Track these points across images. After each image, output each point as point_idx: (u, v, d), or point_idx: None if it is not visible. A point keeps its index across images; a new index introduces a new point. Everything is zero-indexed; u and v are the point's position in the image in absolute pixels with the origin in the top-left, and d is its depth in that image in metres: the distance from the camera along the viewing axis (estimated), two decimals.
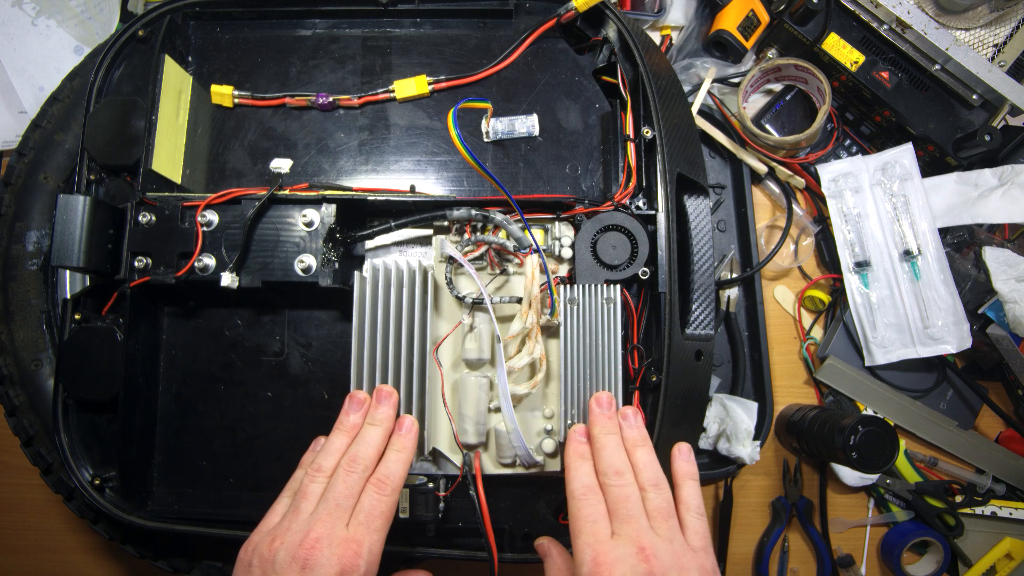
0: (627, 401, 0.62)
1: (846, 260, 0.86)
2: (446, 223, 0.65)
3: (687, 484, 0.56)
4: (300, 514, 0.52)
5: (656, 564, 0.48)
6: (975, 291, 0.84)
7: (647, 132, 0.66)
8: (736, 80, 0.89)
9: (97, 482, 0.64)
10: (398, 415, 0.59)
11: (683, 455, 0.58)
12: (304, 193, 0.63)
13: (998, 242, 0.85)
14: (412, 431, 0.58)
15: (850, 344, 0.87)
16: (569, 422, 0.60)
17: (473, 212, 0.63)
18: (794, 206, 0.89)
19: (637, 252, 0.63)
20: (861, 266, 0.86)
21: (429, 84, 0.71)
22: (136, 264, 0.63)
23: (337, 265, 0.63)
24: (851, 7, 0.84)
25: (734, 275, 0.87)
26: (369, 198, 0.64)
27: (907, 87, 0.84)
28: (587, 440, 0.58)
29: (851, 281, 0.86)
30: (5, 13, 0.88)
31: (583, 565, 0.49)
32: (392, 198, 0.64)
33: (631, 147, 0.68)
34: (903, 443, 0.87)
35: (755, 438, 0.82)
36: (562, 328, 0.61)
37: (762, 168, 0.88)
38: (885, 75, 0.84)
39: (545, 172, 0.70)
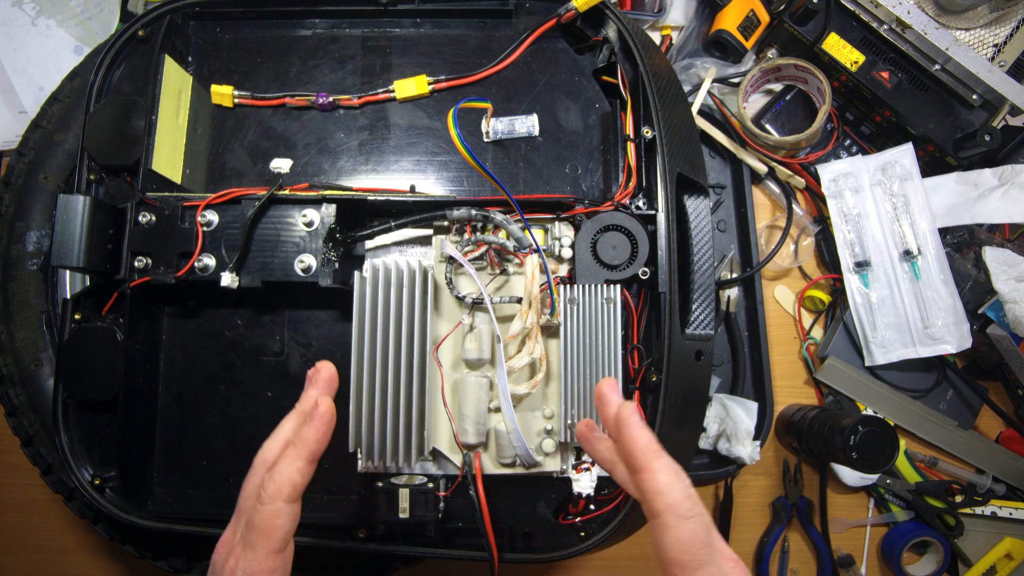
0: (628, 400, 0.62)
1: (846, 260, 0.86)
2: (446, 223, 0.65)
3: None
4: (236, 522, 0.48)
5: (744, 572, 0.43)
6: (975, 291, 0.84)
7: (647, 132, 0.66)
8: (736, 80, 0.89)
9: (97, 482, 0.64)
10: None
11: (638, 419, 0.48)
12: (304, 193, 0.63)
13: (998, 242, 0.85)
14: (321, 419, 0.47)
15: (850, 344, 0.87)
16: (569, 422, 0.60)
17: (473, 212, 0.63)
18: (794, 206, 0.89)
19: (637, 252, 0.63)
20: (861, 266, 0.86)
21: (429, 84, 0.71)
22: (136, 264, 0.63)
23: (337, 265, 0.63)
24: (851, 7, 0.84)
25: (734, 275, 0.87)
26: (369, 198, 0.64)
27: (907, 87, 0.84)
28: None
29: (851, 281, 0.86)
30: (5, 13, 0.88)
31: None
32: (392, 198, 0.64)
33: (631, 147, 0.68)
34: (903, 443, 0.87)
35: (755, 438, 0.82)
36: (562, 328, 0.61)
37: (762, 168, 0.88)
38: (885, 75, 0.84)
39: (545, 172, 0.70)
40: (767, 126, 0.89)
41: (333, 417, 0.49)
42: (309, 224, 0.63)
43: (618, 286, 0.62)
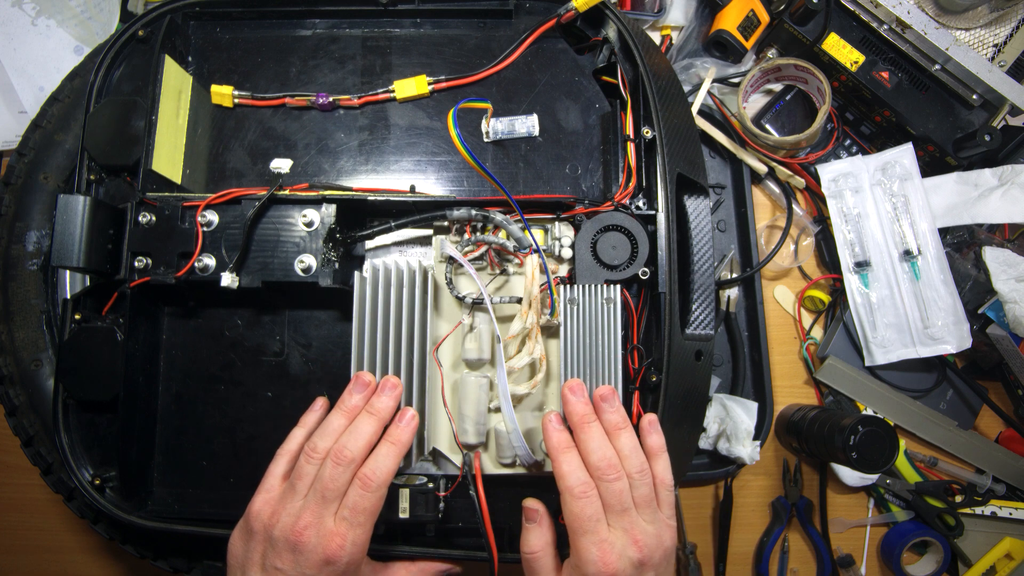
0: (627, 401, 0.62)
1: (846, 260, 0.86)
2: (446, 223, 0.65)
3: (660, 460, 0.58)
4: (295, 494, 0.54)
5: (645, 551, 0.54)
6: (975, 291, 0.84)
7: (647, 132, 0.66)
8: (736, 80, 0.89)
9: (97, 482, 0.64)
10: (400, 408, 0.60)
11: (654, 427, 0.60)
12: (304, 193, 0.63)
13: (998, 242, 0.85)
14: (410, 425, 0.58)
15: (850, 344, 0.87)
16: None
17: (473, 212, 0.63)
18: (794, 206, 0.89)
19: (637, 252, 0.63)
20: (861, 266, 0.86)
21: (429, 84, 0.71)
22: (136, 264, 0.63)
23: (337, 265, 0.63)
24: (851, 7, 0.84)
25: (734, 275, 0.87)
26: (369, 198, 0.64)
27: (907, 87, 0.84)
28: (564, 429, 0.58)
29: (851, 281, 0.86)
30: (5, 13, 0.88)
31: (590, 564, 0.53)
32: (392, 198, 0.64)
33: (631, 147, 0.68)
34: (903, 443, 0.87)
35: (755, 438, 0.82)
36: (562, 328, 0.61)
37: (762, 168, 0.88)
38: (885, 75, 0.84)
39: (545, 172, 0.70)
40: (767, 126, 0.89)
41: (418, 420, 0.59)
42: (309, 224, 0.63)
43: (618, 286, 0.62)
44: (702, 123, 0.88)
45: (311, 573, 0.52)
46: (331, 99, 0.71)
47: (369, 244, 0.68)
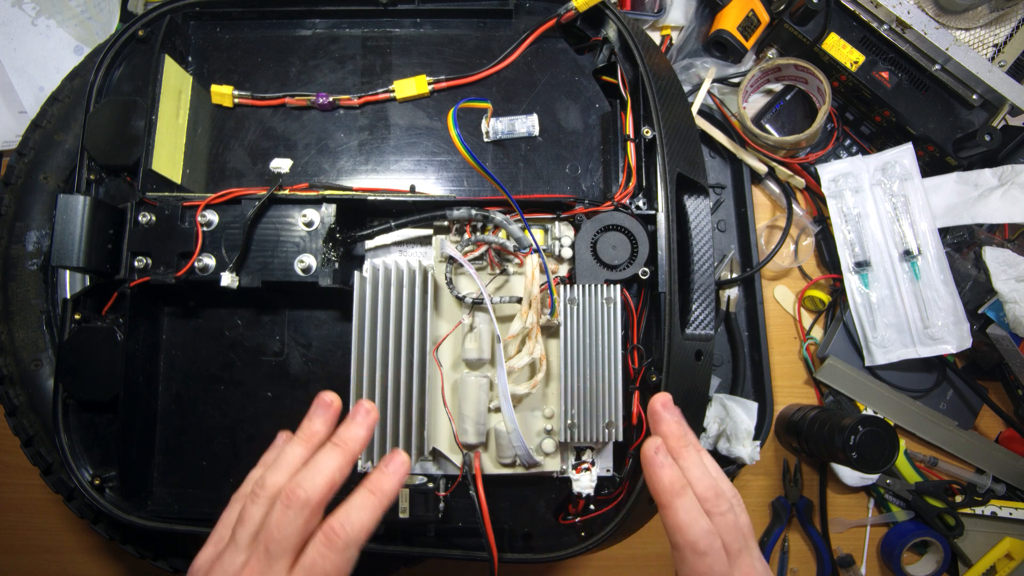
0: (626, 401, 0.62)
1: (846, 260, 0.86)
2: (446, 223, 0.65)
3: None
4: (235, 546, 0.43)
5: None
6: (975, 291, 0.84)
7: (647, 132, 0.66)
8: (736, 80, 0.89)
9: (97, 482, 0.64)
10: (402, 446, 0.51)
11: (669, 409, 0.51)
12: (304, 193, 0.63)
13: (998, 242, 0.85)
14: (397, 472, 0.45)
15: (850, 344, 0.87)
16: (570, 422, 0.60)
17: (473, 212, 0.63)
18: (794, 206, 0.89)
19: (637, 252, 0.63)
20: (861, 266, 0.86)
21: (429, 84, 0.71)
22: (136, 264, 0.63)
23: (337, 265, 0.63)
24: (851, 7, 0.84)
25: (734, 275, 0.87)
26: (369, 198, 0.64)
27: (907, 87, 0.84)
28: (672, 461, 0.48)
29: (851, 281, 0.86)
30: (5, 13, 0.88)
31: None
32: (392, 198, 0.64)
33: (631, 147, 0.68)
34: (903, 443, 0.87)
35: (755, 438, 0.82)
36: (562, 328, 0.61)
37: (762, 168, 0.88)
38: (885, 75, 0.84)
39: (545, 172, 0.70)
40: (767, 126, 0.89)
41: (409, 466, 0.47)
42: (309, 224, 0.63)
43: (618, 286, 0.62)
44: (702, 123, 0.88)
45: None
46: (331, 99, 0.70)
47: (369, 244, 0.68)
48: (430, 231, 0.67)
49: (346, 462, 0.45)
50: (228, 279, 0.61)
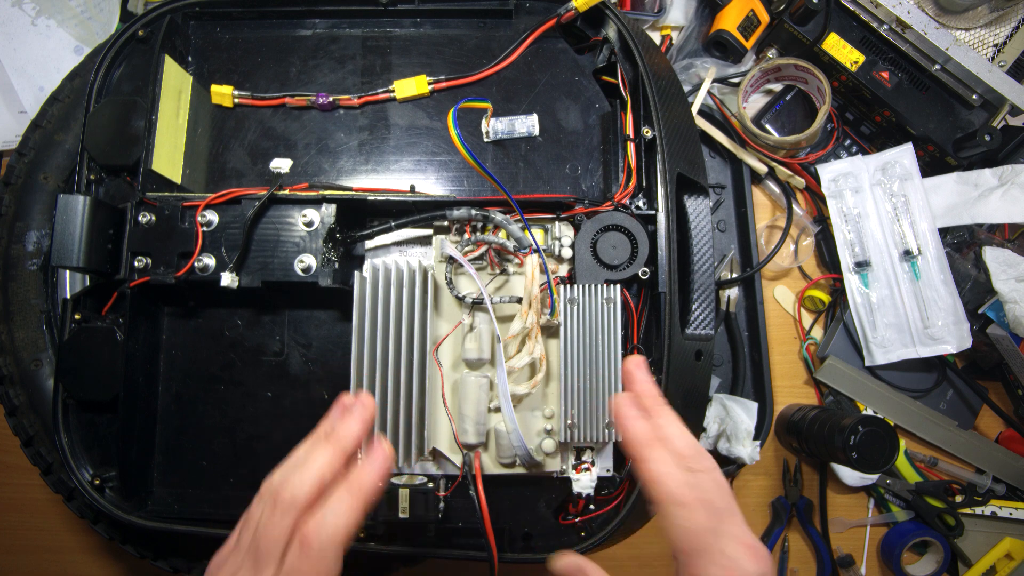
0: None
1: (846, 260, 0.86)
2: (446, 223, 0.65)
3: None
4: (237, 548, 0.42)
5: (763, 560, 0.41)
6: (975, 291, 0.84)
7: (647, 132, 0.66)
8: (736, 80, 0.89)
9: (97, 482, 0.64)
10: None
11: (641, 368, 0.49)
12: (304, 193, 0.63)
13: (998, 242, 0.85)
14: (380, 464, 0.43)
15: (850, 344, 0.87)
16: (570, 422, 0.60)
17: (473, 212, 0.63)
18: (794, 206, 0.89)
19: (637, 252, 0.63)
20: (861, 266, 0.86)
21: (429, 84, 0.71)
22: (136, 264, 0.63)
23: (337, 265, 0.63)
24: (851, 7, 0.84)
25: (734, 275, 0.87)
26: (369, 198, 0.64)
27: (907, 87, 0.84)
28: (641, 413, 0.45)
29: (851, 281, 0.86)
30: (5, 13, 0.88)
31: None
32: (392, 198, 0.64)
33: (631, 147, 0.68)
34: (903, 443, 0.87)
35: (755, 438, 0.82)
36: (562, 328, 0.61)
37: (762, 168, 0.88)
38: (885, 75, 0.84)
39: (545, 172, 0.70)
40: (767, 126, 0.89)
41: (393, 458, 0.45)
42: (309, 224, 0.63)
43: (618, 286, 0.62)
44: (702, 123, 0.88)
45: None
46: (331, 99, 0.70)
47: (369, 244, 0.68)
48: (430, 231, 0.67)
49: (336, 457, 0.43)
50: (228, 279, 0.61)
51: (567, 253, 0.65)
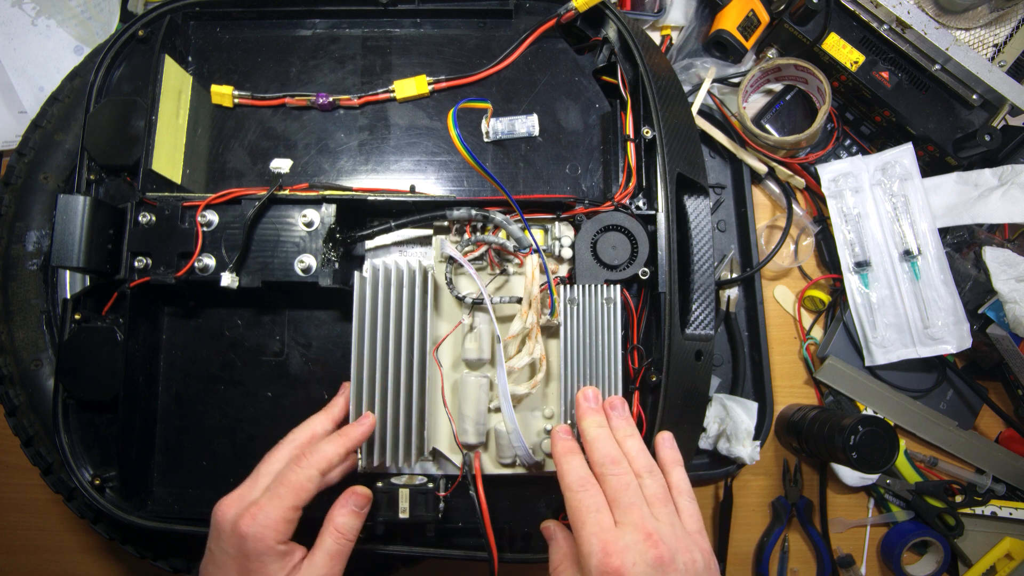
0: (627, 401, 0.62)
1: (846, 260, 0.86)
2: (446, 223, 0.65)
3: (676, 470, 0.56)
4: (253, 484, 0.55)
5: (663, 548, 0.48)
6: (975, 291, 0.84)
7: (647, 132, 0.66)
8: (736, 80, 0.89)
9: (97, 482, 0.64)
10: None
11: (666, 443, 0.58)
12: (304, 193, 0.63)
13: (998, 242, 0.85)
14: (364, 424, 0.58)
15: (850, 344, 0.87)
16: (570, 422, 0.60)
17: (473, 212, 0.63)
18: (794, 206, 0.89)
19: (637, 252, 0.63)
20: (861, 266, 0.86)
21: (429, 84, 0.71)
22: (136, 264, 0.63)
23: (337, 265, 0.63)
24: (851, 7, 0.84)
25: (734, 275, 0.87)
26: (369, 198, 0.64)
27: (907, 87, 0.84)
28: (571, 437, 0.58)
29: (851, 281, 0.86)
30: (5, 13, 0.88)
31: (592, 556, 0.48)
32: (392, 198, 0.64)
33: (631, 147, 0.68)
34: (903, 443, 0.87)
35: (755, 438, 0.82)
36: (562, 328, 0.61)
37: (762, 168, 0.88)
38: (885, 75, 0.84)
39: (545, 172, 0.70)
40: (767, 126, 0.89)
41: (373, 429, 0.60)
42: (309, 224, 0.63)
43: (618, 286, 0.62)
44: (702, 123, 0.88)
45: (231, 552, 0.51)
46: (331, 99, 0.70)
47: (369, 244, 0.68)
48: (430, 231, 0.67)
49: (328, 421, 0.59)
50: (228, 279, 0.61)
51: (567, 253, 0.65)
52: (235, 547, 0.51)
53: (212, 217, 0.63)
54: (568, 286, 0.62)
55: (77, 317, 0.65)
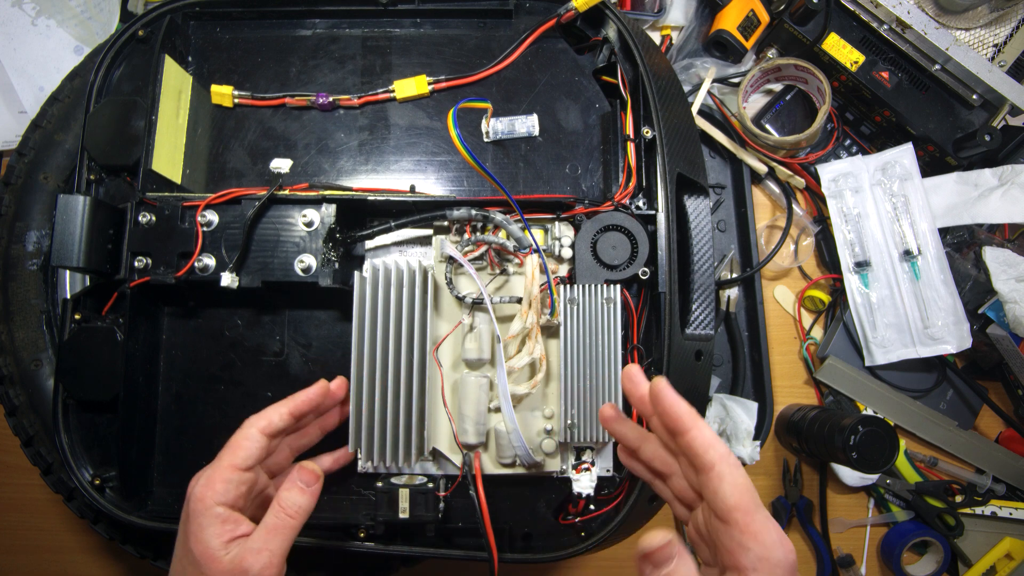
0: (626, 402, 0.62)
1: (846, 260, 0.86)
2: (446, 223, 0.65)
3: (706, 430, 0.50)
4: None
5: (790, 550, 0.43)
6: (975, 291, 0.84)
7: (647, 132, 0.66)
8: (736, 80, 0.89)
9: (97, 482, 0.64)
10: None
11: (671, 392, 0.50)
12: (304, 193, 0.63)
13: (998, 242, 0.85)
14: (312, 389, 0.59)
15: (850, 344, 0.87)
16: (570, 422, 0.60)
17: (473, 212, 0.63)
18: (794, 206, 0.89)
19: (637, 252, 0.63)
20: (861, 266, 0.86)
21: (429, 84, 0.71)
22: (136, 264, 0.63)
23: (337, 265, 0.63)
24: (851, 7, 0.84)
25: (734, 275, 0.87)
26: (369, 198, 0.64)
27: (907, 87, 0.84)
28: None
29: (851, 281, 0.86)
30: (5, 13, 0.88)
31: (776, 547, 0.41)
32: (392, 198, 0.64)
33: (631, 147, 0.68)
34: (903, 443, 0.87)
35: (755, 438, 0.82)
36: (562, 328, 0.61)
37: (762, 168, 0.88)
38: (885, 75, 0.84)
39: (545, 172, 0.70)
40: (767, 126, 0.89)
41: (327, 393, 0.60)
42: (309, 224, 0.63)
43: (618, 286, 0.62)
44: (702, 123, 0.88)
45: (183, 516, 0.53)
46: (331, 99, 0.70)
47: (369, 244, 0.68)
48: (430, 231, 0.67)
49: (286, 404, 0.58)
50: (228, 279, 0.61)
51: (567, 253, 0.65)
52: (185, 511, 0.53)
53: (212, 217, 0.63)
54: (568, 286, 0.62)
55: (77, 317, 0.65)
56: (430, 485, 0.62)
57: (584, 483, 0.63)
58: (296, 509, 0.53)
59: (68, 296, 0.65)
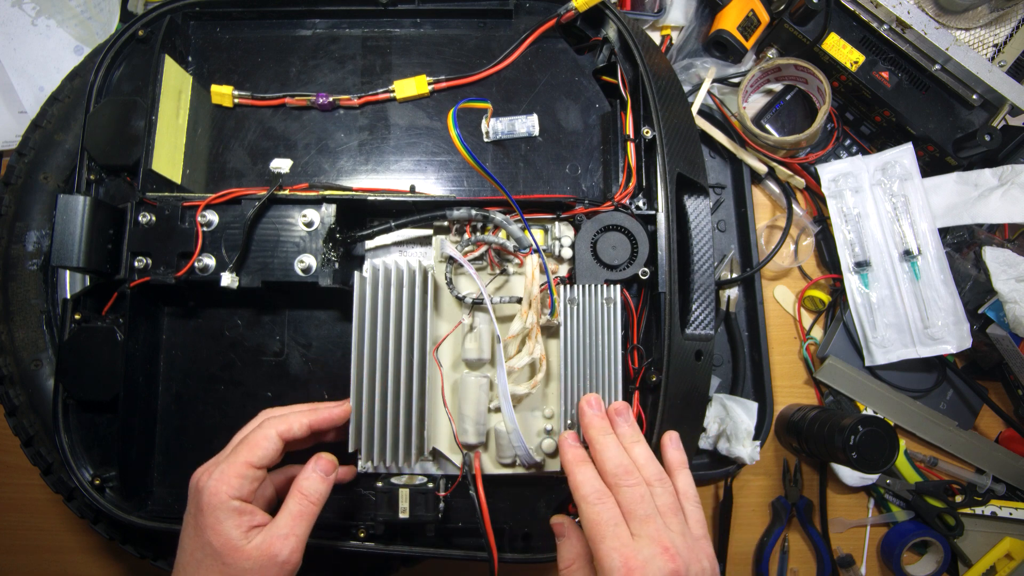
0: (626, 401, 0.62)
1: (846, 260, 0.86)
2: (446, 223, 0.65)
3: (682, 474, 0.57)
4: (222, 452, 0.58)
5: (679, 561, 0.49)
6: (975, 291, 0.84)
7: (647, 132, 0.66)
8: (736, 80, 0.89)
9: (97, 482, 0.64)
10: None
11: (673, 443, 0.59)
12: (304, 193, 0.63)
13: (998, 242, 0.85)
14: (338, 407, 0.60)
15: (850, 344, 0.87)
16: (569, 422, 0.60)
17: (473, 212, 0.63)
18: (794, 206, 0.89)
19: (637, 252, 0.63)
20: (861, 266, 0.86)
21: (429, 84, 0.71)
22: (136, 264, 0.63)
23: (337, 265, 0.63)
24: (851, 7, 0.84)
25: (734, 275, 0.87)
26: (369, 198, 0.64)
27: (907, 87, 0.84)
28: (580, 445, 0.58)
29: (851, 281, 0.86)
30: (5, 13, 0.88)
31: (614, 572, 0.48)
32: (392, 198, 0.64)
33: (631, 147, 0.68)
34: (903, 443, 0.87)
35: (755, 438, 0.82)
36: (562, 328, 0.61)
37: (762, 168, 0.88)
38: (885, 75, 0.84)
39: (545, 172, 0.70)
40: (767, 126, 0.89)
41: (346, 418, 0.60)
42: (309, 224, 0.63)
43: (618, 286, 0.62)
44: (702, 123, 0.88)
45: (191, 510, 0.54)
46: (331, 99, 0.71)
47: (369, 244, 0.68)
48: (430, 231, 0.67)
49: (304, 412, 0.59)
50: (228, 279, 0.61)
51: (567, 253, 0.65)
52: (194, 504, 0.53)
53: (212, 217, 0.63)
54: (568, 286, 0.62)
55: (77, 317, 0.65)
56: (430, 485, 0.63)
57: None
58: (318, 496, 0.54)
59: (68, 296, 0.65)
